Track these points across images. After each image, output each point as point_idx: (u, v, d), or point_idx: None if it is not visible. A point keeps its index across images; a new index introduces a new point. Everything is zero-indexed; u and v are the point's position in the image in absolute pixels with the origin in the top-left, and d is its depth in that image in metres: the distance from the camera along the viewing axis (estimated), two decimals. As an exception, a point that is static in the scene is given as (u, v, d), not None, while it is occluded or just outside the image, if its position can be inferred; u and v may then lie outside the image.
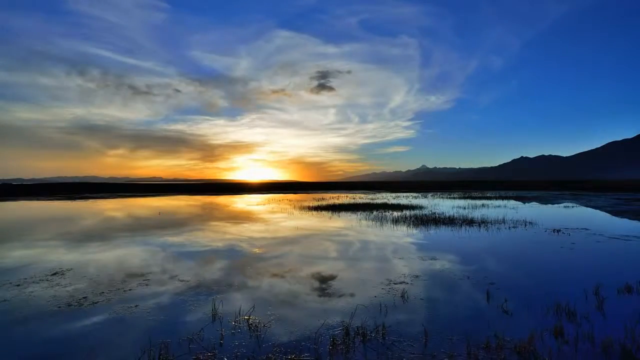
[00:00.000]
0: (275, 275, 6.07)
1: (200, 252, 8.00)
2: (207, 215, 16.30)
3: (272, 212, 17.98)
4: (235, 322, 4.06)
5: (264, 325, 3.95)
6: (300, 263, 6.92)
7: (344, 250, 8.18)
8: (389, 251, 8.01)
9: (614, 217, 14.67)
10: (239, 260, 7.14)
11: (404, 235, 10.19)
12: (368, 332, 3.76)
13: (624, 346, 3.36)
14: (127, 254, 7.72)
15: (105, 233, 10.81)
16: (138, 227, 12.12)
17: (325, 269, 6.48)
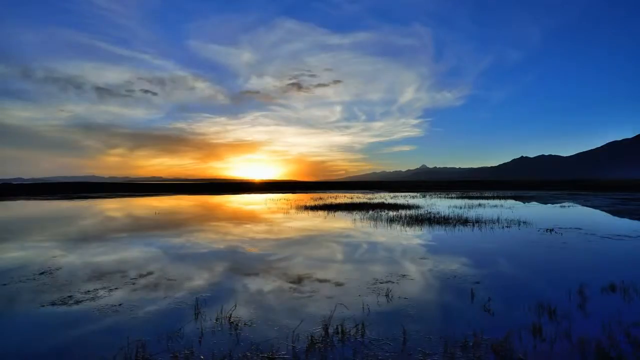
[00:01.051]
0: (260, 274, 6.08)
1: (189, 252, 8.02)
2: (203, 216, 16.34)
3: (268, 211, 18.01)
4: (216, 320, 4.07)
5: (245, 324, 3.97)
6: (287, 262, 6.93)
7: (333, 249, 8.20)
8: (378, 250, 8.02)
9: (608, 217, 14.69)
10: (226, 260, 7.16)
11: (396, 234, 10.20)
12: (347, 330, 3.78)
13: (599, 344, 3.38)
14: (118, 254, 7.74)
15: (97, 233, 10.84)
16: (131, 227, 12.15)
17: (312, 267, 6.49)
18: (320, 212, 16.85)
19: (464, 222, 12.53)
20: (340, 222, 13.04)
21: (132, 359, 3.21)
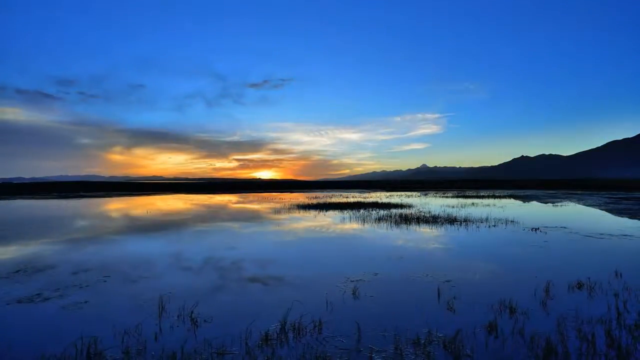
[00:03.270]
0: (229, 271, 6.11)
1: (166, 250, 8.05)
2: (195, 215, 16.38)
3: (258, 211, 18.04)
4: (178, 317, 4.11)
5: (204, 321, 4.00)
6: (260, 260, 6.95)
7: (314, 247, 8.22)
8: (359, 248, 8.05)
9: (597, 216, 14.70)
10: (199, 258, 7.18)
11: (382, 233, 10.23)
12: (304, 327, 3.81)
13: (548, 340, 3.40)
14: (97, 253, 7.77)
15: (81, 232, 10.88)
16: (118, 227, 12.20)
17: (286, 265, 6.51)
18: (311, 211, 16.88)
19: (452, 221, 12.54)
20: (328, 221, 13.06)
21: (84, 354, 3.24)
